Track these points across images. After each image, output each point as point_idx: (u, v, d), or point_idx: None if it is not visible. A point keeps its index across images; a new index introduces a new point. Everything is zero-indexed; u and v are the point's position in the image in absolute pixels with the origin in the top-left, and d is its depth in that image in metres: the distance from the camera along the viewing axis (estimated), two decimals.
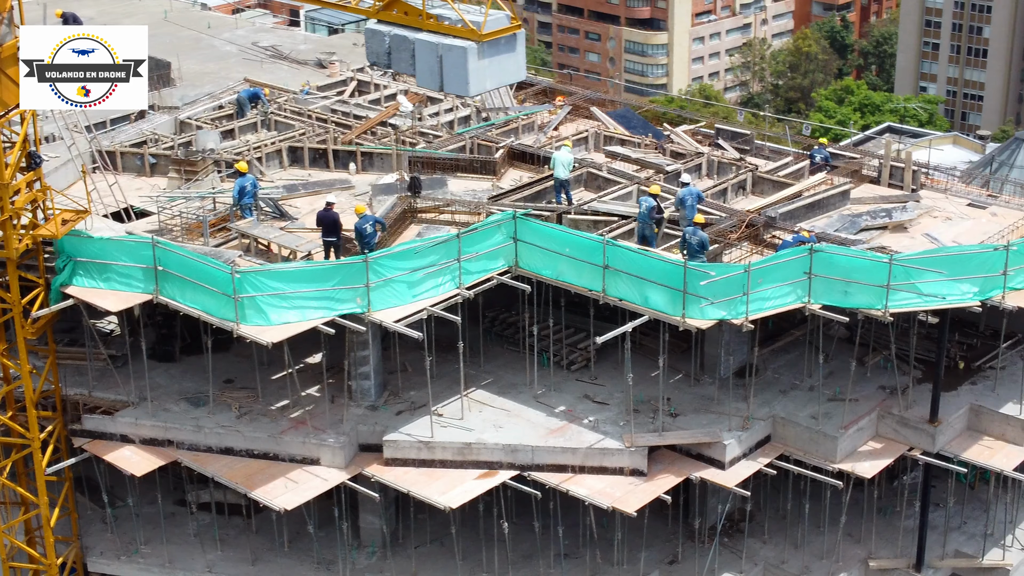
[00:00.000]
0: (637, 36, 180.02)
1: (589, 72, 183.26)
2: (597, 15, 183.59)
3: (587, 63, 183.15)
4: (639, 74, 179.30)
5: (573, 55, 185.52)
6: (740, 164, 42.57)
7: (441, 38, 32.74)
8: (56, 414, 38.10)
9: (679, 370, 39.39)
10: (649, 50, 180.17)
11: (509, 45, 33.01)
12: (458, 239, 35.67)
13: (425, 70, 33.34)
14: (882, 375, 39.20)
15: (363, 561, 39.14)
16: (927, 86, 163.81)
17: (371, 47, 34.93)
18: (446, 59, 32.56)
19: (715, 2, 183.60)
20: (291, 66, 52.22)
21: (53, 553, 38.13)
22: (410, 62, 33.55)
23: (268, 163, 43.63)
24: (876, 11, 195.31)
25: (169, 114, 46.89)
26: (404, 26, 33.48)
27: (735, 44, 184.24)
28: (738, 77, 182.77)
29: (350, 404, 37.97)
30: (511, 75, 34.36)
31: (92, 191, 40.05)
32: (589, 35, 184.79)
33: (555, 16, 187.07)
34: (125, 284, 35.99)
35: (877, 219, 39.34)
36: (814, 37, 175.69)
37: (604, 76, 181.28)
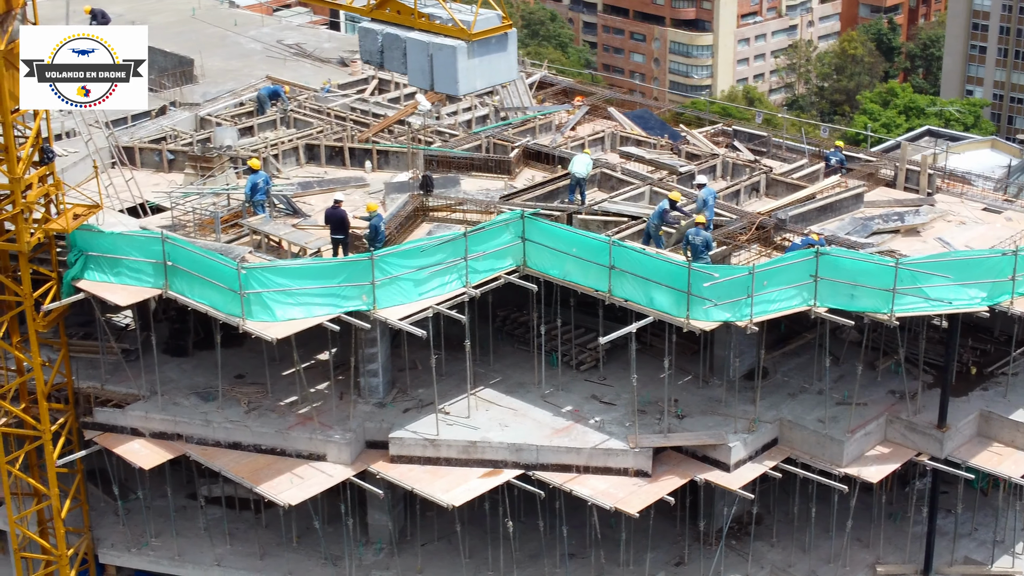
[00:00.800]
0: (682, 37, 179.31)
1: (634, 72, 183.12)
2: (642, 16, 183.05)
3: (632, 64, 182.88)
4: (683, 75, 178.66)
5: (618, 55, 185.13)
6: (754, 166, 42.40)
7: (432, 37, 32.84)
8: (68, 406, 38.46)
9: (688, 372, 39.34)
10: (694, 51, 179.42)
11: (500, 45, 33.04)
12: (465, 238, 35.75)
13: (416, 69, 33.45)
14: (892, 380, 38.99)
15: (370, 557, 39.30)
16: (973, 89, 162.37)
17: (364, 45, 35.08)
18: (436, 58, 32.65)
19: (761, 3, 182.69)
20: (314, 64, 52.48)
21: (64, 544, 38.50)
22: (402, 61, 33.67)
23: (285, 160, 43.90)
24: (924, 13, 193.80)
25: (189, 110, 47.23)
26: (397, 25, 33.63)
27: (780, 46, 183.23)
28: (783, 79, 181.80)
29: (358, 401, 38.16)
30: (502, 75, 34.38)
31: (108, 186, 40.68)
32: (634, 36, 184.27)
33: (600, 16, 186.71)
34: (135, 279, 36.30)
35: (889, 222, 39.14)
36: (860, 39, 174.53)
37: (648, 77, 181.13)
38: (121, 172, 41.53)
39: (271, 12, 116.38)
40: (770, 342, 40.03)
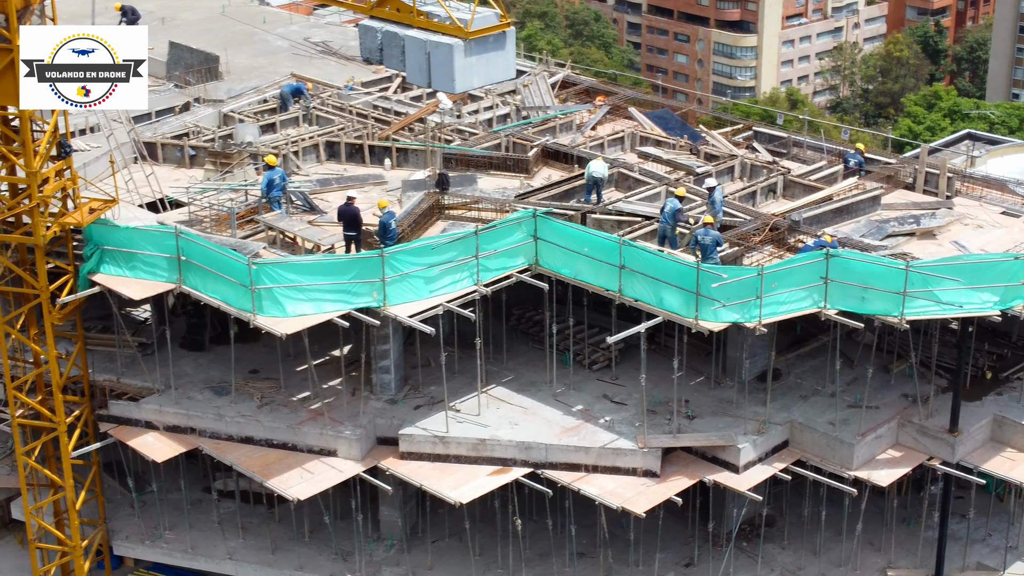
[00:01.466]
0: (726, 38, 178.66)
1: (677, 73, 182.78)
2: (686, 16, 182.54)
3: (675, 65, 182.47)
4: (727, 76, 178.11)
5: (662, 56, 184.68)
6: (772, 167, 42.29)
7: (429, 35, 32.95)
8: (84, 399, 38.82)
9: (701, 373, 39.29)
10: (738, 52, 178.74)
11: (498, 43, 33.10)
12: (476, 236, 35.85)
13: (415, 67, 33.58)
14: (906, 383, 38.78)
15: (381, 553, 39.47)
16: (1020, 93, 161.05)
17: (364, 43, 35.24)
18: (433, 56, 32.76)
19: (806, 5, 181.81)
20: (339, 62, 52.68)
21: (78, 535, 38.82)
22: (401, 58, 33.80)
23: (305, 157, 44.13)
24: (972, 16, 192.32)
25: (213, 107, 47.53)
26: (396, 23, 33.74)
27: (825, 48, 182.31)
28: (827, 81, 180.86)
29: (369, 397, 38.35)
30: (500, 73, 34.46)
31: (128, 181, 41.06)
32: (678, 36, 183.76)
33: (644, 17, 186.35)
34: (150, 273, 36.58)
35: (905, 225, 38.95)
36: (906, 42, 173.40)
37: (692, 78, 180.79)
38: (141, 167, 41.85)
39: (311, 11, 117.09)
40: (785, 344, 40.04)
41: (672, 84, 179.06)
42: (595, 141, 45.29)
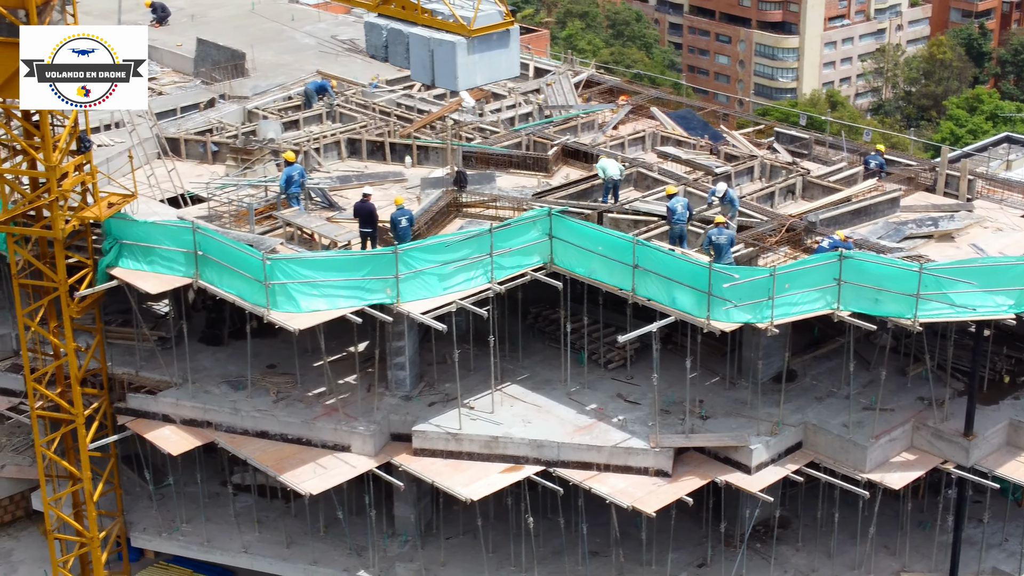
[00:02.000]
0: (768, 39, 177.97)
1: (718, 74, 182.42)
2: (728, 17, 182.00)
3: (716, 66, 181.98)
4: (768, 78, 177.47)
5: (703, 57, 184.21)
6: (791, 168, 42.18)
7: (433, 32, 33.02)
8: (103, 392, 39.14)
9: (717, 373, 39.24)
10: (779, 54, 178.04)
11: (502, 41, 33.16)
12: (490, 234, 35.94)
13: (418, 64, 33.71)
14: (923, 386, 38.57)
15: (395, 549, 39.61)
16: None
17: (370, 40, 35.38)
18: (436, 53, 32.87)
19: (849, 7, 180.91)
20: (365, 60, 52.72)
21: (96, 526, 39.11)
22: (405, 56, 33.90)
23: (327, 154, 44.32)
24: (1017, 19, 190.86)
25: (238, 103, 47.80)
26: (401, 20, 33.84)
27: (868, 50, 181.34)
28: (870, 83, 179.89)
29: (385, 394, 38.50)
30: (503, 71, 34.52)
31: (150, 176, 41.39)
32: (719, 37, 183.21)
33: (686, 18, 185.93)
34: (168, 267, 36.87)
35: (923, 227, 38.76)
36: (950, 44, 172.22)
37: (733, 79, 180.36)
38: (163, 163, 42.16)
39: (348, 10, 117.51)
40: (802, 345, 39.96)
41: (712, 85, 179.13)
42: (615, 140, 45.28)
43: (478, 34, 32.54)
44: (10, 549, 46.88)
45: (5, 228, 36.20)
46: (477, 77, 34.03)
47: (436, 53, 33.00)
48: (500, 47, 33.26)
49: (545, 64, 53.28)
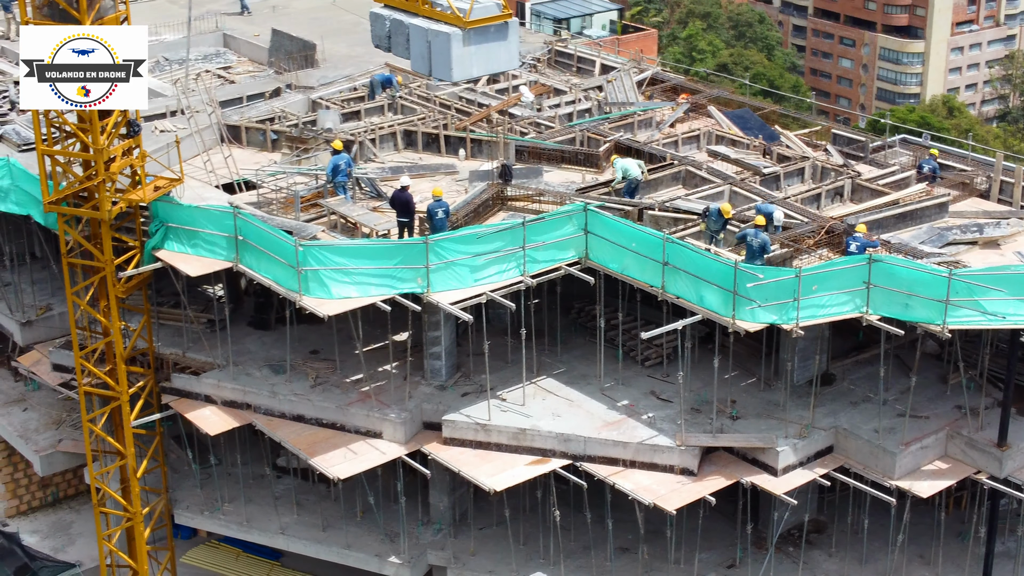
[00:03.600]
0: (892, 43, 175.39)
1: (841, 78, 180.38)
2: (853, 20, 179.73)
3: (839, 69, 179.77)
4: (891, 82, 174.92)
5: (826, 60, 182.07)
6: (842, 170, 41.77)
7: (431, 23, 33.27)
8: (149, 371, 40.10)
9: (754, 374, 39.05)
10: (904, 58, 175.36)
11: (500, 33, 33.26)
12: (523, 227, 36.15)
13: (418, 55, 33.98)
14: (964, 395, 37.94)
15: (428, 537, 39.99)
16: None
17: (374, 30, 35.70)
18: (433, 44, 33.08)
19: (978, 12, 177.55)
20: None
21: (139, 502, 40.07)
22: (406, 46, 34.19)
23: (383, 145, 44.86)
24: None
25: (303, 93, 48.54)
26: (403, 11, 34.14)
27: (996, 56, 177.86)
28: (996, 90, 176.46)
29: (420, 383, 38.91)
30: (501, 63, 34.64)
31: (207, 162, 42.31)
32: (843, 40, 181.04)
33: (810, 20, 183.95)
34: (210, 251, 37.62)
35: (967, 233, 38.16)
36: None
37: (856, 83, 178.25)
38: (220, 149, 43.04)
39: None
40: (845, 350, 39.59)
41: (834, 89, 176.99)
42: (669, 139, 45.21)
43: (474, 26, 32.76)
44: (70, 522, 48.42)
45: (55, 208, 37.22)
46: (473, 69, 34.25)
47: (433, 44, 33.30)
48: (498, 39, 33.42)
49: (611, 61, 53.32)
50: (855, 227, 36.76)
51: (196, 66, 52.18)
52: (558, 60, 54.82)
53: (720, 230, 37.16)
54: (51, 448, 44.73)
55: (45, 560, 45.98)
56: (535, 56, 54.25)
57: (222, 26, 56.03)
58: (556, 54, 54.99)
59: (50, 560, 46.04)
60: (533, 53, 54.67)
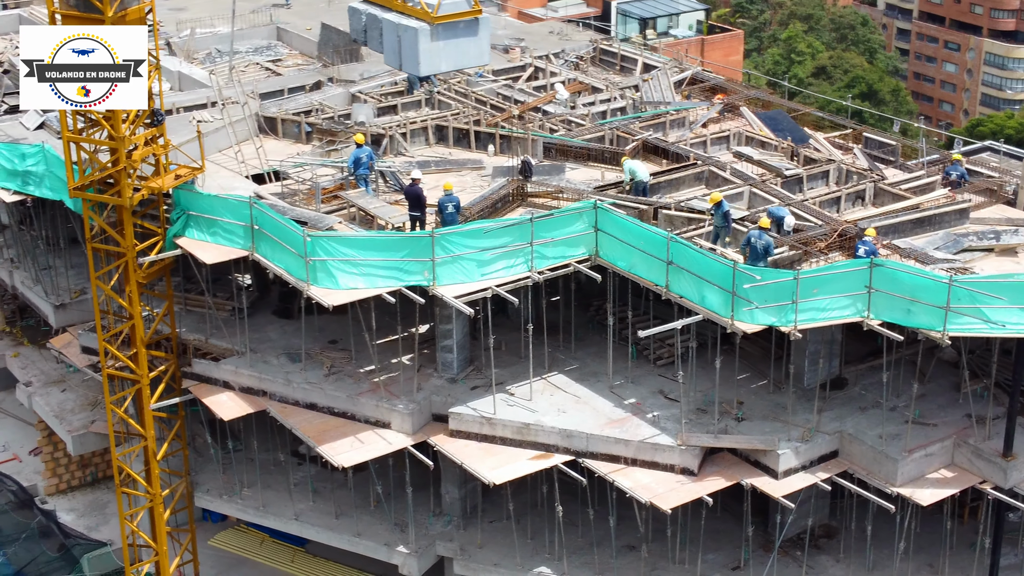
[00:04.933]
0: (998, 48, 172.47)
1: (944, 83, 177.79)
2: (958, 24, 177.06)
3: (943, 73, 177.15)
4: (996, 88, 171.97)
5: (930, 64, 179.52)
6: (865, 174, 41.39)
7: (402, 18, 33.47)
8: (171, 356, 40.90)
9: (766, 376, 38.89)
10: (1010, 64, 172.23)
11: (470, 29, 33.39)
12: (531, 223, 36.35)
13: (390, 49, 34.21)
14: (978, 403, 37.47)
15: (439, 528, 40.37)
16: None
17: (352, 24, 36.02)
18: (403, 39, 33.30)
19: None
20: None
21: (158, 484, 40.82)
22: (379, 40, 34.43)
23: (414, 140, 45.27)
24: None
25: (344, 87, 49.11)
26: (378, 6, 34.41)
27: None
28: None
29: (433, 375, 39.28)
30: (471, 59, 34.78)
31: (237, 152, 43.07)
32: (948, 44, 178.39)
33: (915, 24, 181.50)
34: (228, 239, 38.31)
35: (984, 240, 37.63)
36: None
37: (959, 88, 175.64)
38: (252, 141, 43.75)
39: (544, 2, 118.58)
40: (861, 354, 39.25)
41: (937, 94, 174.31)
42: (698, 139, 45.11)
43: (443, 21, 32.96)
44: (106, 502, 49.41)
45: (80, 194, 38.11)
46: (442, 64, 34.49)
47: (402, 38, 33.59)
48: (468, 35, 33.60)
49: (654, 60, 53.24)
50: (865, 231, 36.47)
51: (246, 58, 53.01)
52: (602, 59, 54.84)
53: (723, 226, 37.05)
54: (83, 429, 45.79)
55: (79, 538, 47.10)
56: (579, 54, 54.34)
57: (276, 20, 56.86)
58: (601, 52, 55.01)
59: (83, 538, 47.13)
60: (577, 51, 54.77)
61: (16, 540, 47.65)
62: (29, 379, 48.79)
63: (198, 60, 52.65)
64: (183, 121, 45.51)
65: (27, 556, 47.08)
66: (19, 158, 41.90)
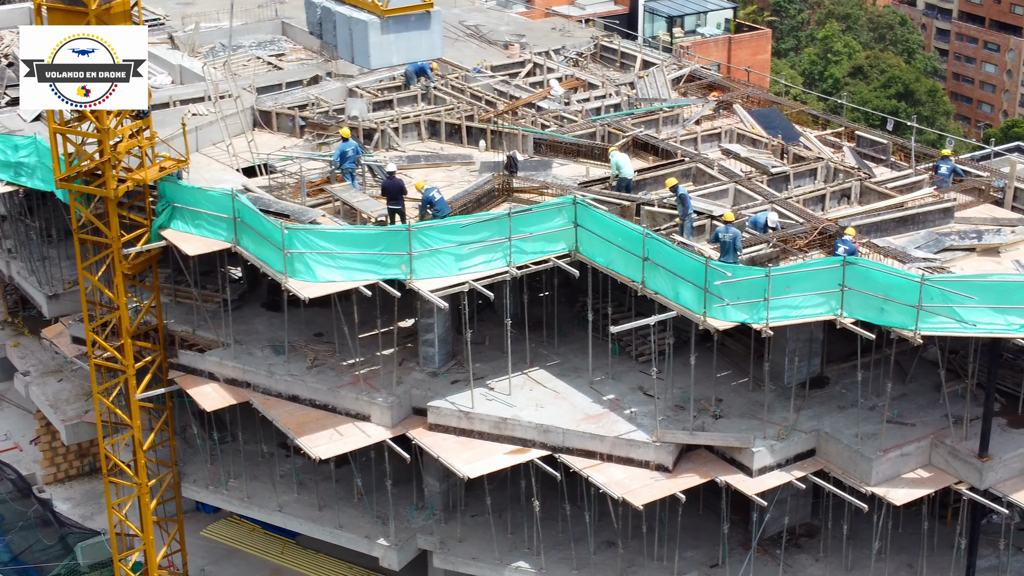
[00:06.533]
0: None
1: (983, 83, 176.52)
2: (998, 25, 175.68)
3: (982, 74, 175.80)
4: None
5: (969, 64, 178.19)
6: (852, 172, 41.19)
7: (353, 11, 33.47)
8: (158, 347, 41.19)
9: (747, 374, 38.78)
10: None
11: (421, 23, 33.41)
12: (509, 218, 36.39)
13: (343, 42, 34.24)
14: (957, 403, 37.23)
15: (420, 521, 40.49)
16: None
17: (308, 17, 36.07)
18: (354, 32, 33.31)
19: None
20: (479, 45, 53.61)
21: (144, 474, 41.09)
22: (334, 33, 34.47)
23: (407, 134, 45.37)
24: None
25: (342, 82, 49.18)
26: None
27: None
28: None
29: (414, 369, 39.40)
30: (423, 52, 34.77)
31: (229, 146, 43.31)
32: (987, 45, 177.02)
33: (954, 24, 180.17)
34: (212, 232, 38.54)
35: (965, 240, 37.38)
36: None
37: (999, 89, 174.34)
38: (246, 134, 43.98)
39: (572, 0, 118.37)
40: (845, 353, 39.05)
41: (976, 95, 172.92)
42: (689, 135, 45.01)
43: (393, 15, 32.97)
44: (101, 492, 49.42)
45: (67, 185, 38.44)
46: (393, 57, 34.52)
47: (353, 31, 33.62)
48: (419, 28, 33.65)
49: (653, 57, 53.15)
50: (845, 229, 36.30)
51: (249, 53, 53.25)
52: (603, 55, 54.80)
53: (684, 214, 37.00)
54: (77, 418, 46.17)
55: (73, 526, 47.62)
56: (579, 51, 54.29)
57: (281, 14, 57.01)
58: (601, 49, 54.96)
59: (77, 527, 47.63)
60: (578, 48, 54.72)
61: (14, 528, 48.22)
62: (27, 369, 49.26)
63: (202, 54, 52.89)
64: (180, 115, 45.69)
65: (24, 543, 47.64)
66: (12, 149, 42.34)
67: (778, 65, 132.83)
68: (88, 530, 47.44)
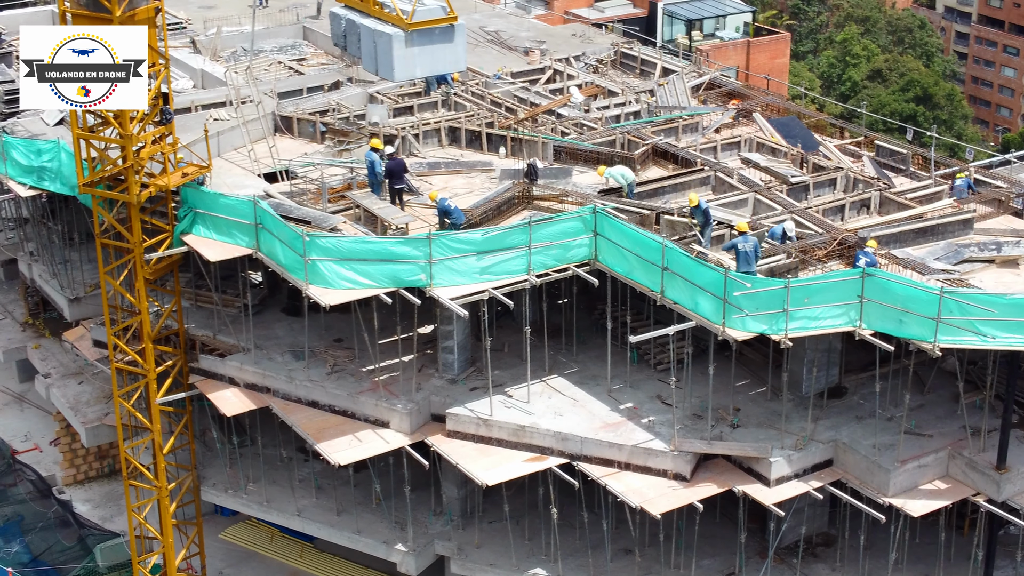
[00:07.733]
0: None
1: (1003, 87, 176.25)
2: (1018, 29, 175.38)
3: (1001, 78, 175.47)
4: None
5: (988, 68, 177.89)
6: (872, 182, 41.25)
7: (378, 24, 33.73)
8: (179, 351, 41.43)
9: (765, 384, 38.87)
10: None
11: (445, 36, 33.56)
12: (529, 227, 36.53)
13: (367, 54, 34.50)
14: (976, 414, 37.27)
15: (438, 527, 40.67)
16: None
17: (333, 29, 36.31)
18: (378, 44, 33.53)
19: None
20: (500, 51, 53.85)
21: (164, 477, 41.37)
22: (358, 45, 34.74)
23: (427, 141, 45.57)
24: None
25: (363, 87, 49.45)
26: (358, 11, 34.68)
27: None
28: None
29: (434, 375, 39.57)
30: (447, 65, 34.98)
31: (250, 151, 43.54)
32: (1007, 49, 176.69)
33: (973, 27, 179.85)
34: (233, 237, 38.73)
35: (985, 251, 37.41)
36: None
37: (1018, 93, 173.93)
38: (266, 139, 44.19)
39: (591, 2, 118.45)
40: (864, 363, 39.10)
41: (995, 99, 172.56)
42: (708, 144, 45.11)
43: (417, 27, 33.19)
44: (121, 494, 49.76)
45: (89, 190, 38.70)
46: (416, 70, 34.71)
47: (378, 44, 33.84)
48: (443, 41, 33.77)
49: (673, 64, 53.28)
50: (867, 241, 36.36)
51: (270, 57, 53.50)
52: (623, 62, 54.94)
53: (704, 224, 37.12)
54: (97, 421, 46.43)
55: (92, 528, 47.81)
56: (599, 57, 54.44)
57: (303, 19, 57.32)
58: (621, 56, 55.09)
59: (97, 528, 47.82)
60: (598, 54, 54.87)
61: (34, 529, 48.49)
62: (48, 371, 49.54)
63: (223, 58, 53.16)
64: (202, 119, 45.97)
65: (44, 544, 47.88)
66: (35, 154, 42.56)
67: (797, 68, 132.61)
68: (107, 532, 47.64)
